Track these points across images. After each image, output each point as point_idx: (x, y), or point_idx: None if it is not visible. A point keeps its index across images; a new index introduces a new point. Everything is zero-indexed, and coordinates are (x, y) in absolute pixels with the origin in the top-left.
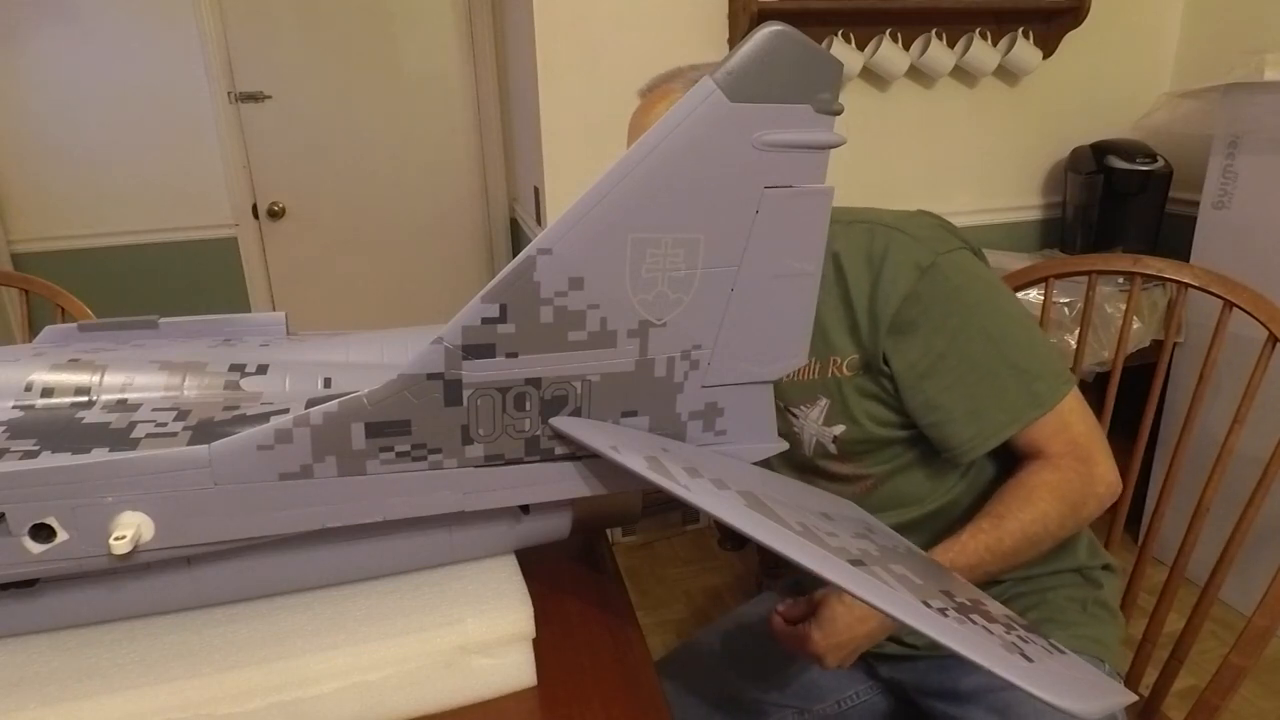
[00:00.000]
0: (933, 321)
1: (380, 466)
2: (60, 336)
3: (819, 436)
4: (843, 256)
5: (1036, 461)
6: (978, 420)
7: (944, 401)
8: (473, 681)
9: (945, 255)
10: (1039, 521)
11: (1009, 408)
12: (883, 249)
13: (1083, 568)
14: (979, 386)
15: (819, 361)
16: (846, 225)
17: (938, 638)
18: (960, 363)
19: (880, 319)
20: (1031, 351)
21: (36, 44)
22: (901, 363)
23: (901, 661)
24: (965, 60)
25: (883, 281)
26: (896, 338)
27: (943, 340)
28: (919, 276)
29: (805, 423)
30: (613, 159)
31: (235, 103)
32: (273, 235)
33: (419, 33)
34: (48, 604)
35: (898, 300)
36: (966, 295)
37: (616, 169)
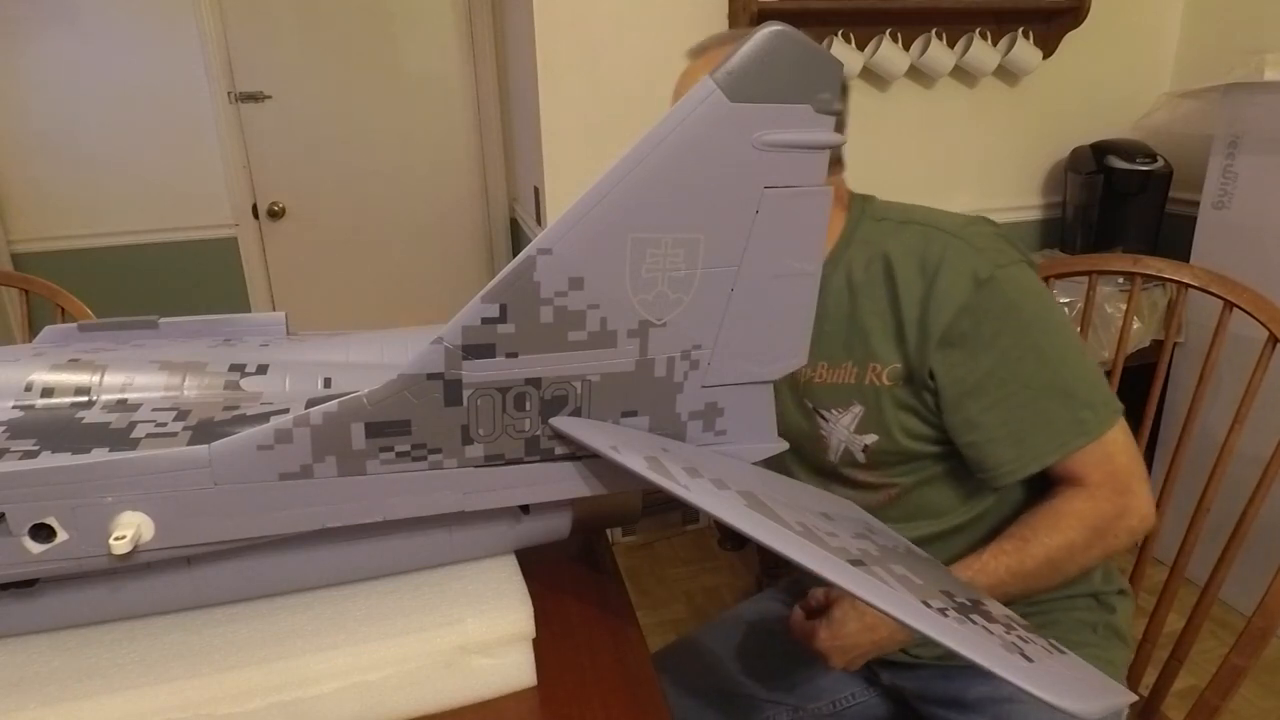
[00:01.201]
0: (984, 337)
1: (380, 466)
2: (60, 336)
3: (848, 444)
4: (894, 260)
5: (1071, 488)
6: (1019, 444)
7: (986, 421)
8: (473, 681)
9: (1004, 269)
10: (1065, 548)
11: (1054, 434)
12: (938, 256)
13: (1098, 593)
14: (1025, 409)
15: (857, 366)
16: (899, 225)
17: (937, 638)
18: (1008, 382)
19: (930, 331)
20: (1083, 376)
21: (36, 44)
22: (947, 378)
23: (905, 669)
24: (965, 60)
25: (936, 291)
26: (945, 351)
27: (992, 357)
28: (975, 289)
29: (835, 428)
30: (613, 159)
31: (235, 103)
32: (273, 235)
33: (419, 33)
34: (48, 604)
35: (951, 312)
36: (1022, 312)
37: (616, 169)
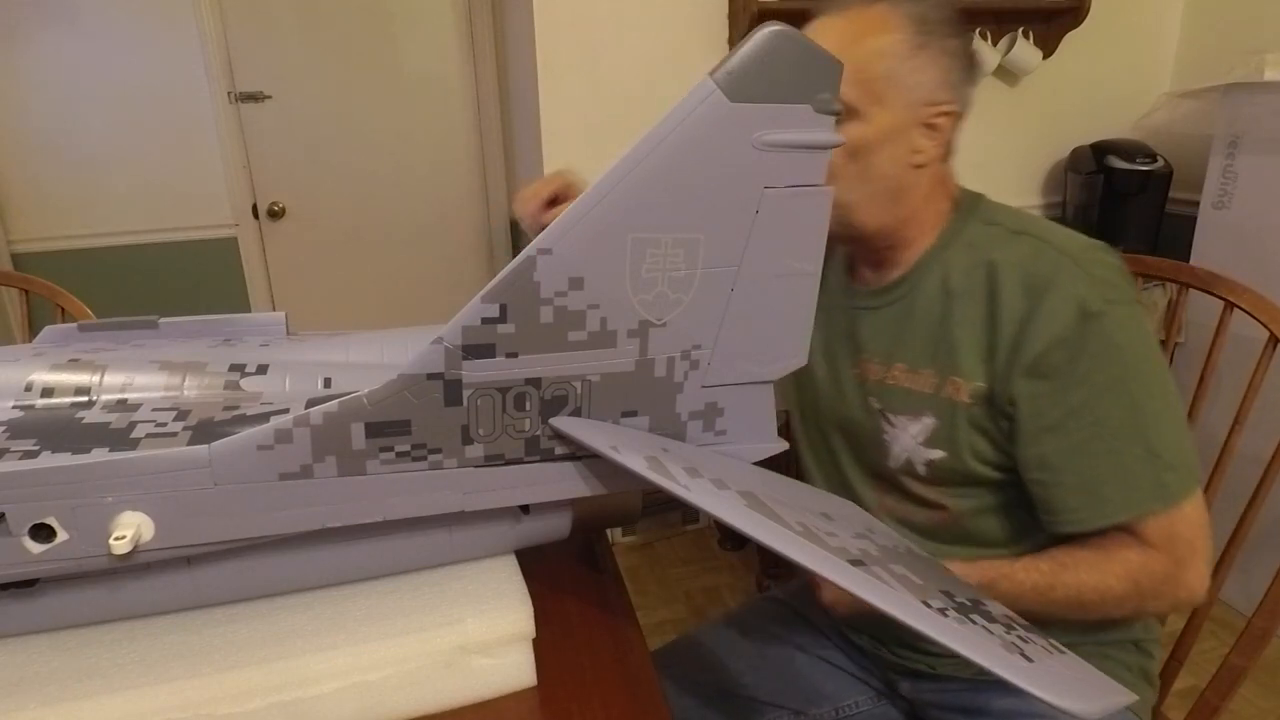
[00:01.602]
0: (1077, 374)
1: (380, 466)
2: (60, 336)
3: (911, 455)
4: (1000, 272)
5: (1130, 536)
6: (1091, 494)
7: (1060, 463)
8: (473, 681)
9: (1115, 306)
10: (1099, 591)
11: (1131, 492)
12: (1047, 277)
13: (1139, 640)
14: (1104, 459)
15: (937, 376)
16: (1012, 234)
17: (937, 637)
18: (1092, 426)
19: (1021, 355)
20: (1173, 437)
21: (36, 44)
22: (1029, 409)
23: (927, 679)
24: None
25: (1039, 315)
26: (1032, 380)
27: (1080, 397)
28: (1079, 321)
29: (900, 435)
30: (613, 159)
31: (235, 103)
32: (273, 235)
33: (419, 33)
34: (48, 604)
35: (1047, 340)
36: (1124, 356)
37: (616, 169)
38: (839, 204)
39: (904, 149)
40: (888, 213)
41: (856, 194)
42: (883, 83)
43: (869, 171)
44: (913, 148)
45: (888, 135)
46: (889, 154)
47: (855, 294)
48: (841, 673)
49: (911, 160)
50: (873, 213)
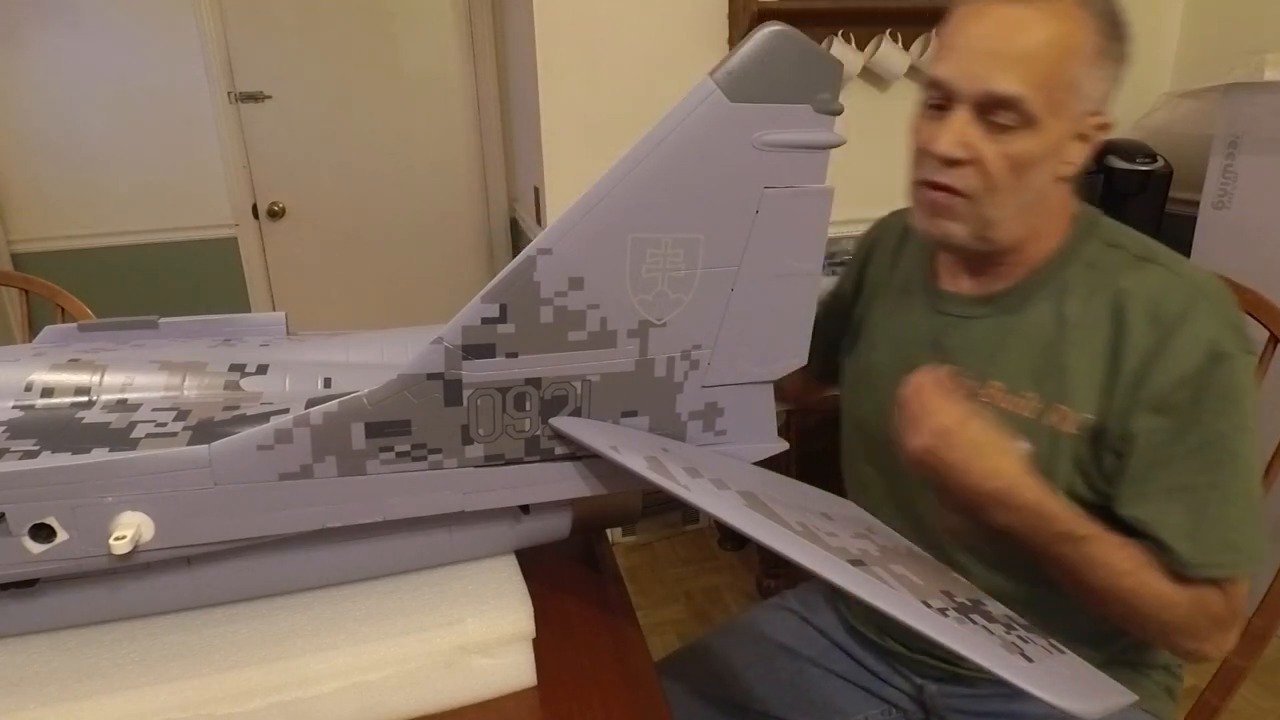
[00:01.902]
0: (1200, 416)
1: (380, 466)
2: (60, 336)
3: None
4: (1129, 300)
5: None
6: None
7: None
8: (473, 681)
9: (1244, 354)
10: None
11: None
12: (1179, 311)
13: (1169, 664)
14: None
15: (1041, 402)
16: (1138, 260)
17: (937, 637)
18: (1205, 472)
19: (1145, 390)
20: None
21: (36, 44)
22: (1145, 443)
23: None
24: None
25: (1169, 350)
26: (1153, 416)
27: (1199, 438)
28: (1210, 362)
29: None
30: (613, 159)
31: (235, 103)
32: (273, 235)
33: (419, 33)
34: (48, 604)
35: (1175, 377)
36: (1243, 407)
37: (616, 169)
38: (990, 218)
39: (1058, 160)
40: (1025, 226)
41: (1010, 209)
42: (1067, 91)
43: (1026, 184)
44: (1064, 158)
45: (1053, 147)
46: (1048, 167)
47: (944, 299)
48: (853, 686)
49: (1060, 171)
50: (1015, 227)
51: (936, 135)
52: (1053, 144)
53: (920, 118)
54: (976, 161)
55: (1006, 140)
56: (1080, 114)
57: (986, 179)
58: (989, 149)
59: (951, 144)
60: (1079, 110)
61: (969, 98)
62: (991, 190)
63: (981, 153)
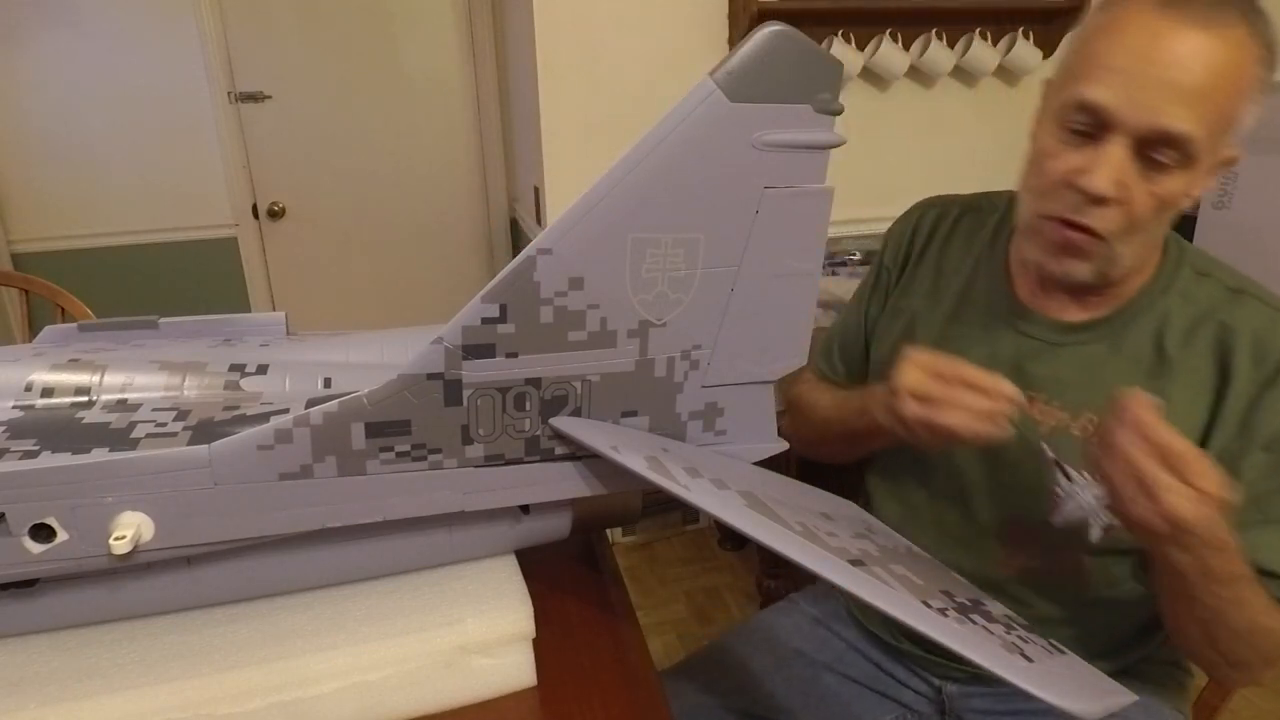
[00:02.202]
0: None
1: (380, 466)
2: (60, 336)
3: (1089, 516)
4: (1234, 337)
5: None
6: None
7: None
8: (473, 681)
9: None
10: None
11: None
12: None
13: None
14: None
15: None
16: (1230, 293)
17: (937, 638)
18: None
19: (1256, 431)
20: None
21: (36, 44)
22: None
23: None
24: (965, 60)
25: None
26: (1261, 453)
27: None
28: None
29: (1081, 495)
30: (613, 159)
31: (235, 103)
32: (273, 235)
33: (419, 33)
34: (48, 604)
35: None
36: None
37: (616, 169)
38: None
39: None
40: (1140, 261)
41: (1139, 248)
42: (1228, 127)
43: (1161, 223)
44: (1192, 192)
45: (1195, 185)
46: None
47: (1030, 319)
48: (869, 691)
49: (1183, 203)
50: (1133, 264)
51: (1088, 169)
52: (1196, 182)
53: (1053, 139)
54: (1125, 202)
55: (1160, 180)
56: (1225, 148)
57: (1130, 220)
58: (1140, 189)
59: (1109, 182)
60: (1227, 144)
61: (1133, 130)
62: (1130, 231)
63: (1132, 193)
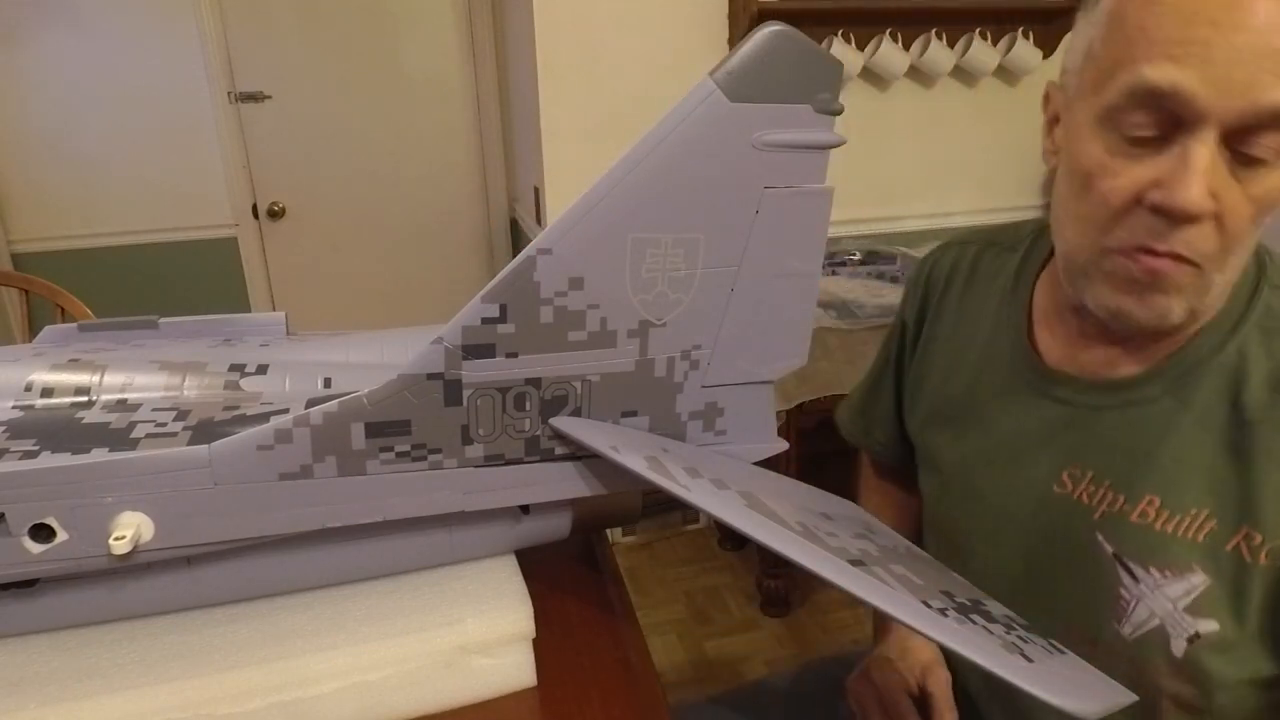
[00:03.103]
0: None
1: (380, 466)
2: (60, 336)
3: (1166, 622)
4: None
5: None
6: None
7: None
8: (473, 681)
9: None
10: None
11: None
12: None
13: None
14: None
15: (1219, 523)
16: None
17: (937, 638)
18: None
19: None
20: None
21: (37, 44)
22: None
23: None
24: (965, 60)
25: None
26: None
27: None
28: None
29: (1153, 596)
30: (613, 159)
31: (235, 103)
32: (273, 235)
33: (419, 33)
34: (48, 604)
35: None
36: None
37: (616, 169)
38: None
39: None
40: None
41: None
42: None
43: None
44: None
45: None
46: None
47: (1056, 380)
48: None
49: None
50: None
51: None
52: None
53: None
54: (1220, 215)
55: (1257, 179)
56: None
57: (1224, 237)
58: (1233, 194)
59: (1203, 194)
60: None
61: (1222, 117)
62: (1227, 251)
63: (1224, 199)
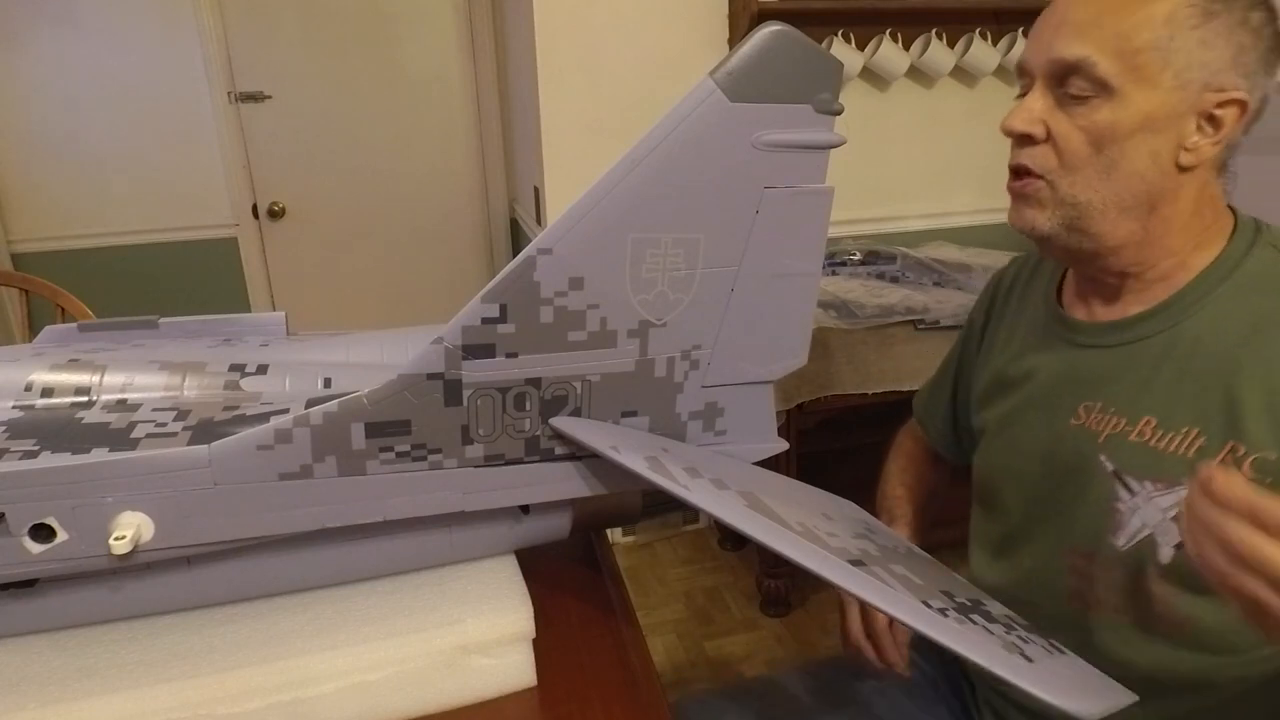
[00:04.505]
0: None
1: (380, 466)
2: (60, 336)
3: (1156, 532)
4: None
5: None
6: None
7: None
8: (473, 681)
9: None
10: None
11: None
12: None
13: None
14: None
15: (1207, 439)
16: None
17: (937, 638)
18: None
19: None
20: None
21: (37, 44)
22: None
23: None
24: (965, 60)
25: None
26: None
27: None
28: None
29: (1145, 507)
30: (613, 159)
31: (235, 103)
32: (273, 235)
33: (419, 33)
34: (48, 604)
35: None
36: None
37: (617, 169)
38: (1075, 203)
39: (1169, 142)
40: (1137, 223)
41: (1099, 193)
42: (1151, 55)
43: (1119, 167)
44: (1181, 142)
45: (1149, 122)
46: (1148, 147)
47: (1074, 327)
48: None
49: (1177, 158)
50: (1118, 221)
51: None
52: (1148, 118)
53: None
54: (1054, 139)
55: (1082, 112)
56: (1190, 86)
57: (1064, 157)
58: (1064, 124)
59: (1020, 120)
60: (1184, 81)
61: (1038, 70)
62: (1069, 168)
63: (1055, 128)
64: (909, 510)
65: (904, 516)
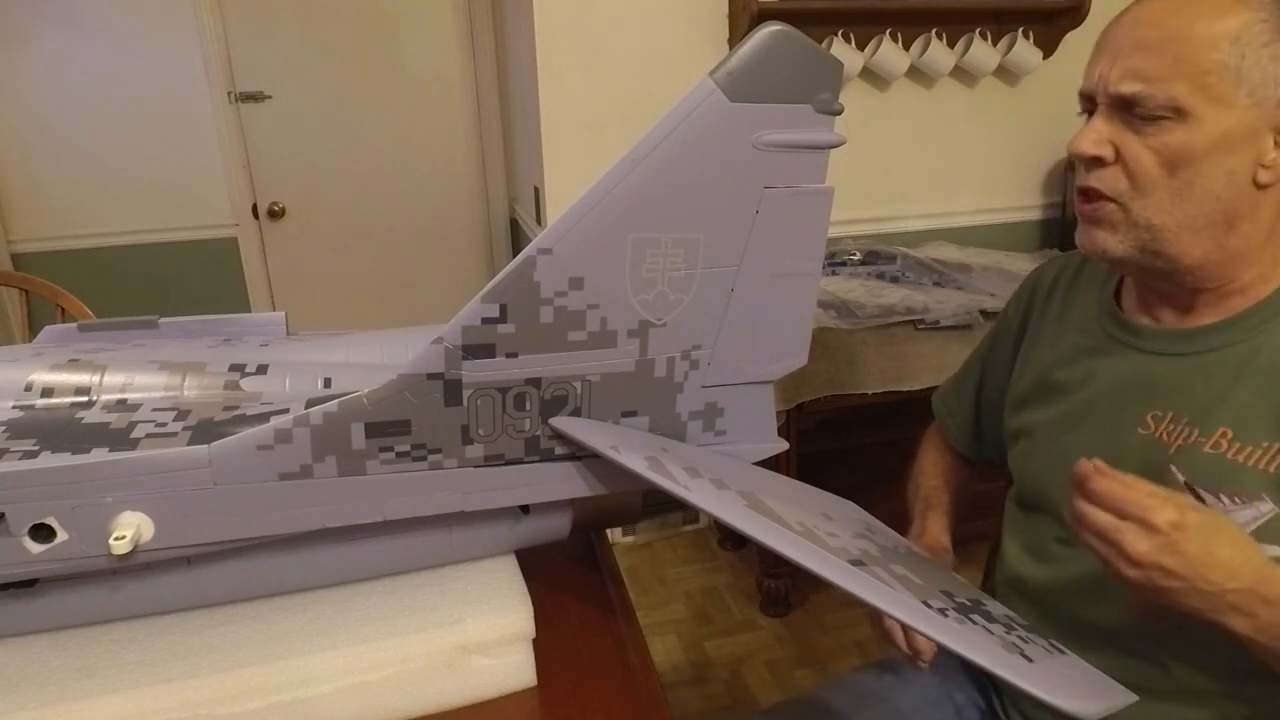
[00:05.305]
0: None
1: (380, 466)
2: (60, 336)
3: None
4: None
5: None
6: None
7: None
8: (473, 681)
9: None
10: None
11: None
12: None
13: None
14: None
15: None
16: None
17: (937, 638)
18: None
19: None
20: None
21: (37, 44)
22: None
23: None
24: (965, 60)
25: None
26: None
27: None
28: None
29: None
30: (613, 159)
31: (235, 103)
32: (273, 235)
33: (419, 33)
34: (48, 604)
35: None
36: None
37: (617, 169)
38: (1149, 226)
39: (1246, 161)
40: (1214, 242)
41: (1173, 215)
42: (1222, 75)
43: (1193, 189)
44: (1259, 159)
45: (1225, 143)
46: (1224, 167)
47: (1139, 333)
48: None
49: (1255, 176)
50: (1194, 242)
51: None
52: (1224, 139)
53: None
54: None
55: (1153, 133)
56: (1266, 104)
57: (1134, 178)
58: (1134, 145)
59: (1088, 141)
60: (1260, 98)
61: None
62: (1142, 190)
63: (1124, 149)
64: (946, 499)
65: (941, 505)
